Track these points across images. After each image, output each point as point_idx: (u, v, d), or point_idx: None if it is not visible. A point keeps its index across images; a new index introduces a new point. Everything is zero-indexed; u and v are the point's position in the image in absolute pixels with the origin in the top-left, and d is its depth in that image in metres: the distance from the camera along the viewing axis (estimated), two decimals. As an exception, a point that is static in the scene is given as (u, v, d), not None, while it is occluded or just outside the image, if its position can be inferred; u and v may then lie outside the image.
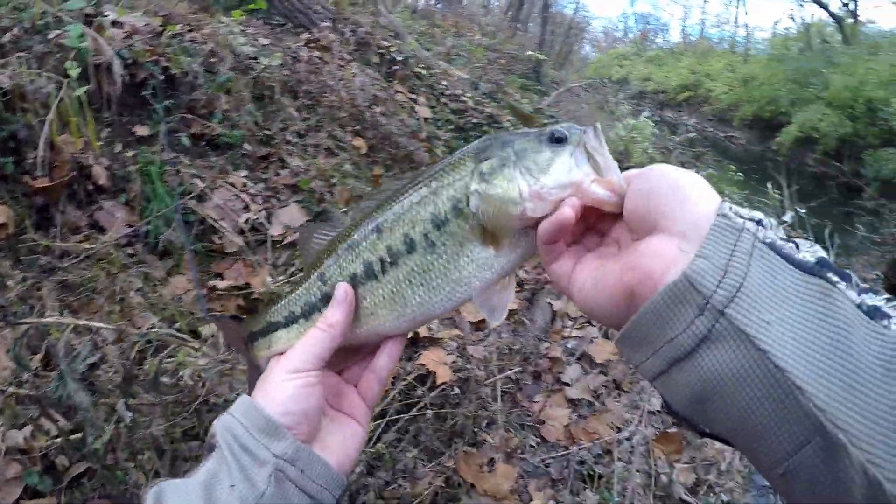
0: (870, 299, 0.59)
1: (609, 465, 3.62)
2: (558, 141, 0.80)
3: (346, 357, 0.99)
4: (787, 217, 8.71)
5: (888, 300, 0.59)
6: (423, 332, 3.51)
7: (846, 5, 28.33)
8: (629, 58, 50.02)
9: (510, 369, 3.88)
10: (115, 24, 4.12)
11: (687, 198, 0.68)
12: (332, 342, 0.90)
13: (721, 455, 3.99)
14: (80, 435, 1.92)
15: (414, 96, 6.72)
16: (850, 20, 28.12)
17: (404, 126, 5.82)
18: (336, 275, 0.92)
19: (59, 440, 1.94)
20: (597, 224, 0.83)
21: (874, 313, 0.58)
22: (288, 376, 0.87)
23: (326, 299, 0.92)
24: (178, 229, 3.29)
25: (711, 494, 3.65)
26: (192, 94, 4.21)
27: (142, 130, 3.83)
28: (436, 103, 6.92)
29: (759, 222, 0.65)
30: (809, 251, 0.63)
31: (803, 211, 8.80)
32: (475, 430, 3.31)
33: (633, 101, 25.88)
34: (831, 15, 29.15)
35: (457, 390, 3.25)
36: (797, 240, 0.65)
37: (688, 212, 0.67)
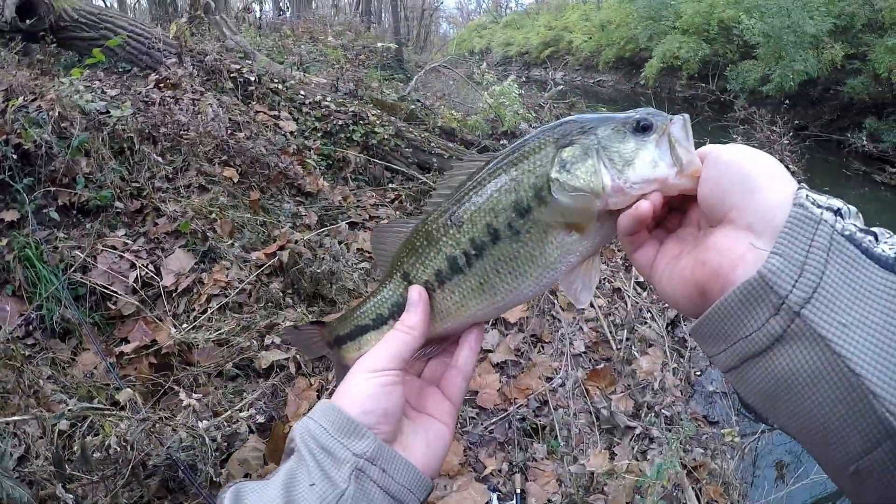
0: None
1: (549, 414, 3.88)
2: (644, 129, 0.78)
3: (440, 345, 0.99)
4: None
5: None
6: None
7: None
8: (487, 27, 51.15)
9: (428, 348, 4.09)
10: (-47, 109, 4.03)
11: (756, 187, 0.67)
12: (413, 343, 0.90)
13: (652, 376, 4.30)
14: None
15: (275, 112, 6.77)
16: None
17: (271, 145, 5.89)
18: (420, 273, 0.91)
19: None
20: (678, 205, 0.81)
21: None
22: (368, 375, 0.86)
23: None
24: (69, 306, 3.33)
25: (653, 414, 3.93)
26: (51, 165, 4.15)
27: (9, 215, 3.80)
28: (299, 114, 7.00)
29: (837, 212, 0.63)
30: (888, 243, 0.61)
31: (679, 134, 9.48)
32: (411, 417, 3.50)
33: (499, 68, 26.55)
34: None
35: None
36: (876, 230, 0.63)
37: (756, 203, 0.66)
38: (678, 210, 0.82)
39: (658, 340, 4.82)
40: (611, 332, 4.76)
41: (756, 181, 0.67)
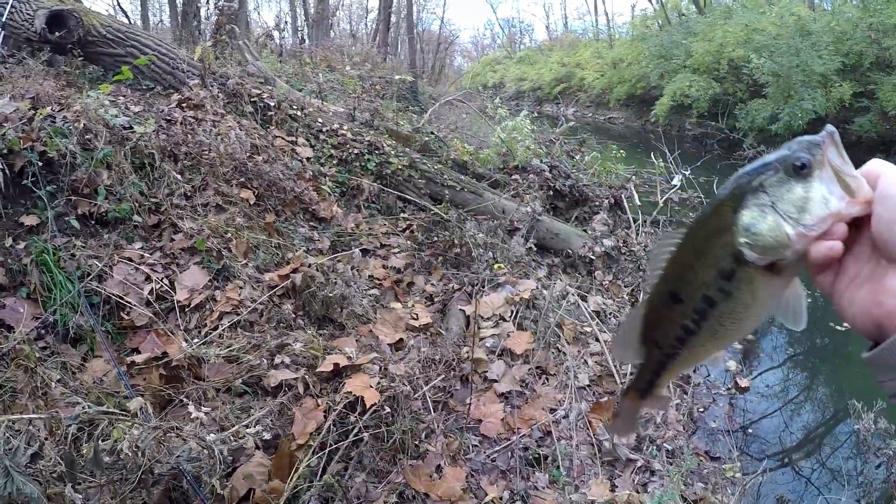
0: None
1: (552, 445, 3.86)
2: (803, 168, 0.81)
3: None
4: (676, 180, 9.36)
5: None
6: (342, 361, 3.69)
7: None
8: (501, 62, 51.80)
9: (435, 379, 4.08)
10: (-19, 115, 4.10)
11: None
12: None
13: (654, 410, 4.34)
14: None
15: (293, 138, 6.82)
16: (702, -9, 30.13)
17: (288, 169, 5.94)
18: (665, 340, 1.01)
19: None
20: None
21: None
22: None
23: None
24: (85, 313, 3.35)
25: (654, 448, 3.95)
26: (73, 175, 4.19)
27: (29, 220, 3.83)
28: (315, 141, 7.05)
29: None
30: None
31: (689, 172, 9.57)
32: (416, 442, 3.48)
33: (511, 102, 26.81)
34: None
35: (388, 409, 3.40)
36: None
37: None
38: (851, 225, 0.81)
39: (662, 377, 4.86)
40: (615, 367, 4.79)
41: None
